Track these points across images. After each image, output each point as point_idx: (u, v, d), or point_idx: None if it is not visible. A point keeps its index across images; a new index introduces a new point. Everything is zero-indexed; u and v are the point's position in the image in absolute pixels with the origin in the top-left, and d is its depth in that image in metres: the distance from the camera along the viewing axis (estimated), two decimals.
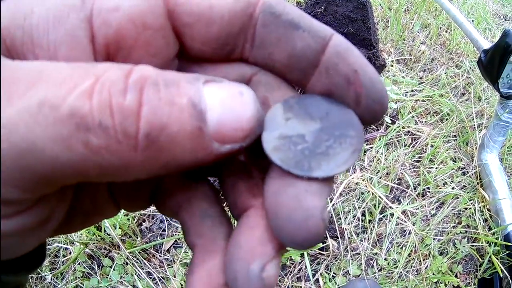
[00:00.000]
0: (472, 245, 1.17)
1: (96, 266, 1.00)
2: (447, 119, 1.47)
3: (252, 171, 0.19)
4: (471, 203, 1.23)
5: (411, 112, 1.44)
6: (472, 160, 1.35)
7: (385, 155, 1.29)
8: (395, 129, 1.36)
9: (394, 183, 1.25)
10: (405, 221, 1.16)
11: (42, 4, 0.15)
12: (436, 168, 1.31)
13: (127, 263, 1.01)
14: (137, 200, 0.22)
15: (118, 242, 1.01)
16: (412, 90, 1.55)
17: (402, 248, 1.13)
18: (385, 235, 1.14)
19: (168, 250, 1.05)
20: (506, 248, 1.08)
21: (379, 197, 1.17)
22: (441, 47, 1.81)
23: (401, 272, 1.09)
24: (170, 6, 0.16)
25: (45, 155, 0.12)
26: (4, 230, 0.14)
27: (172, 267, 1.02)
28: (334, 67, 0.17)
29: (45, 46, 0.15)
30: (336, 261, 1.09)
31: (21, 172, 0.13)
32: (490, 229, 1.17)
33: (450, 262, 1.15)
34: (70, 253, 1.01)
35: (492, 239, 1.12)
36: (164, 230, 1.08)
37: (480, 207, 1.22)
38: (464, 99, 1.58)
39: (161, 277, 1.01)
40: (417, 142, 1.37)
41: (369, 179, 1.22)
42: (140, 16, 0.16)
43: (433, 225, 1.18)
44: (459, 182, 1.30)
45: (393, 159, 1.29)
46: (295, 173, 0.15)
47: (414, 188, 1.26)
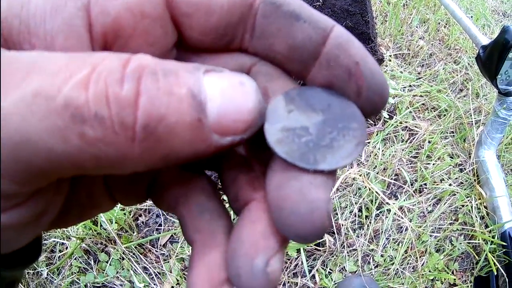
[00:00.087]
0: (469, 243, 1.17)
1: (92, 261, 1.00)
2: (445, 115, 1.47)
3: (253, 164, 0.19)
4: (468, 200, 1.23)
5: (409, 108, 1.44)
6: (470, 157, 1.35)
7: (382, 151, 1.29)
8: (393, 124, 1.36)
9: (391, 179, 1.25)
10: (402, 218, 1.16)
11: None
12: (433, 164, 1.31)
13: (123, 258, 1.01)
14: (134, 194, 0.21)
15: (114, 237, 1.01)
16: (410, 85, 1.55)
17: (399, 245, 1.13)
18: (382, 231, 1.14)
19: (165, 245, 1.05)
20: (503, 246, 1.08)
21: (376, 193, 1.17)
22: (440, 43, 1.81)
23: (398, 269, 1.09)
24: None
25: (40, 147, 0.12)
26: None
27: (168, 262, 1.02)
28: (335, 59, 0.17)
29: (42, 36, 0.15)
30: (333, 257, 1.09)
31: (16, 165, 0.12)
32: (487, 227, 1.18)
33: (447, 259, 1.15)
34: (67, 248, 1.01)
35: (489, 238, 1.12)
36: (161, 225, 1.07)
37: (477, 204, 1.22)
38: (462, 95, 1.58)
39: (157, 272, 1.00)
40: (415, 138, 1.37)
41: (366, 175, 1.22)
42: (138, 5, 0.15)
43: (430, 222, 1.18)
44: (456, 179, 1.31)
45: (390, 155, 1.29)
46: (301, 166, 0.15)
47: (411, 184, 1.26)
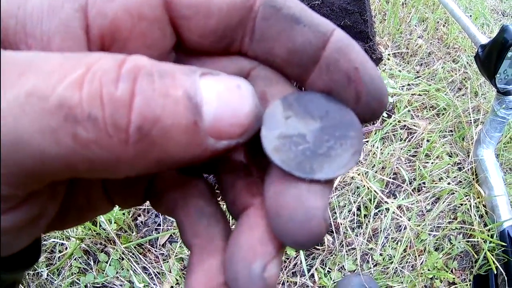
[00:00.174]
0: (468, 241, 1.18)
1: (92, 262, 1.00)
2: (444, 114, 1.47)
3: (251, 169, 0.19)
4: (467, 199, 1.23)
5: (407, 106, 1.43)
6: (468, 156, 1.35)
7: (381, 149, 1.29)
8: (391, 123, 1.36)
9: (390, 178, 1.25)
10: (401, 216, 1.16)
11: None
12: (432, 163, 1.31)
13: (123, 258, 1.01)
14: (132, 197, 0.21)
15: (114, 237, 1.01)
16: (409, 84, 1.54)
17: (398, 244, 1.13)
18: (381, 230, 1.14)
19: (164, 245, 1.05)
20: (502, 245, 1.08)
21: (375, 192, 1.17)
22: (438, 42, 1.81)
23: (397, 268, 1.09)
24: None
25: (32, 149, 0.12)
26: None
27: (168, 262, 1.02)
28: (335, 63, 0.16)
29: (38, 36, 0.15)
30: (332, 256, 1.09)
31: (9, 167, 0.12)
32: (486, 225, 1.18)
33: (446, 258, 1.15)
34: (66, 249, 1.01)
35: (487, 237, 1.12)
36: (160, 225, 1.07)
37: (476, 203, 1.22)
38: (461, 94, 1.58)
39: (157, 272, 1.00)
40: (413, 137, 1.37)
41: (365, 173, 1.22)
42: (136, 7, 0.15)
43: (429, 221, 1.18)
44: (455, 178, 1.31)
45: (389, 153, 1.29)
46: (297, 175, 0.15)
47: (410, 183, 1.26)
